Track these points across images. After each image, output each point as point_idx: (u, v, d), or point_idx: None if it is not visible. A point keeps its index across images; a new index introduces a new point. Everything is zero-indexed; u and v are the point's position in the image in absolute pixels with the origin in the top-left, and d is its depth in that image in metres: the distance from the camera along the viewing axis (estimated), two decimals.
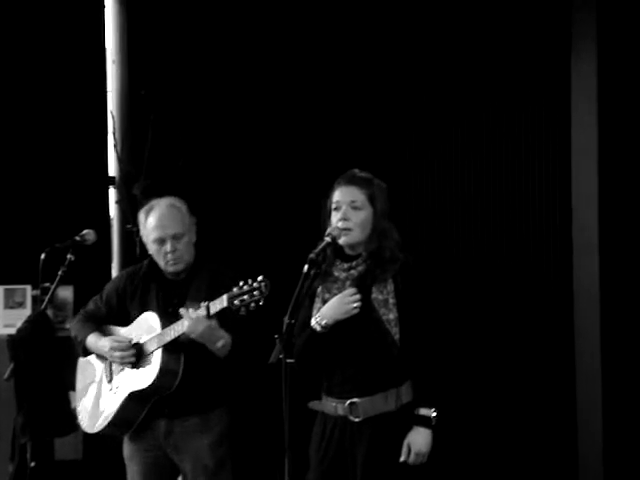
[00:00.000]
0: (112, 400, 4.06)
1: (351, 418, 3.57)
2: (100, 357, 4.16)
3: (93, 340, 4.11)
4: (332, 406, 3.62)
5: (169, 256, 4.01)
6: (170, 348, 3.92)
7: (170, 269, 4.04)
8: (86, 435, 5.00)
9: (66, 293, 5.42)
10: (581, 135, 5.05)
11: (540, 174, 5.23)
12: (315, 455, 3.66)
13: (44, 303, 4.06)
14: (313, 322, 3.58)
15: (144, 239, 4.12)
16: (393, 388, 3.56)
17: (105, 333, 4.12)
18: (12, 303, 5.39)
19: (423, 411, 3.55)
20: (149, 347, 3.97)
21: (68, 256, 4.05)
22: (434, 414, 3.55)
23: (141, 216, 4.11)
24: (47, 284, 4.10)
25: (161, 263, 4.06)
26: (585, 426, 5.06)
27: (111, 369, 4.13)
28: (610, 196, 5.00)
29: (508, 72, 5.35)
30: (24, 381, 3.92)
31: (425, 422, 3.54)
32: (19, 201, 5.62)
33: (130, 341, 4.01)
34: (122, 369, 4.06)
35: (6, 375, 3.96)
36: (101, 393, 4.14)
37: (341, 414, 3.59)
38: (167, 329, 3.91)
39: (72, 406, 4.16)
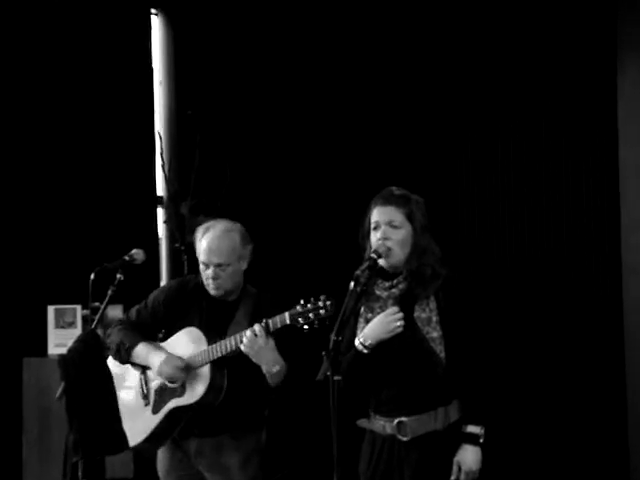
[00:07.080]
0: (149, 416, 4.05)
1: (399, 437, 3.56)
2: (136, 368, 4.15)
3: (144, 350, 4.08)
4: (380, 425, 3.61)
5: (210, 281, 4.04)
6: (217, 364, 3.93)
7: (210, 292, 4.07)
8: (137, 453, 5.04)
9: (116, 312, 5.44)
10: (629, 151, 5.01)
11: (588, 188, 5.20)
12: (364, 473, 3.65)
13: (94, 322, 4.08)
14: (357, 343, 3.56)
15: (197, 254, 4.15)
16: (441, 407, 3.54)
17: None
18: (63, 323, 5.44)
19: (471, 428, 3.53)
20: (195, 362, 3.97)
21: (117, 275, 4.07)
22: (482, 431, 3.53)
23: (198, 233, 4.13)
24: (97, 304, 4.12)
25: (204, 283, 4.09)
26: (637, 448, 5.00)
27: (147, 383, 4.12)
28: None
29: (556, 85, 5.33)
30: (75, 400, 3.94)
31: (473, 440, 3.52)
32: (69, 221, 5.68)
33: (185, 363, 3.97)
34: (161, 385, 4.04)
35: (58, 394, 3.98)
36: (136, 408, 4.12)
37: (389, 433, 3.58)
38: (217, 344, 3.91)
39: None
